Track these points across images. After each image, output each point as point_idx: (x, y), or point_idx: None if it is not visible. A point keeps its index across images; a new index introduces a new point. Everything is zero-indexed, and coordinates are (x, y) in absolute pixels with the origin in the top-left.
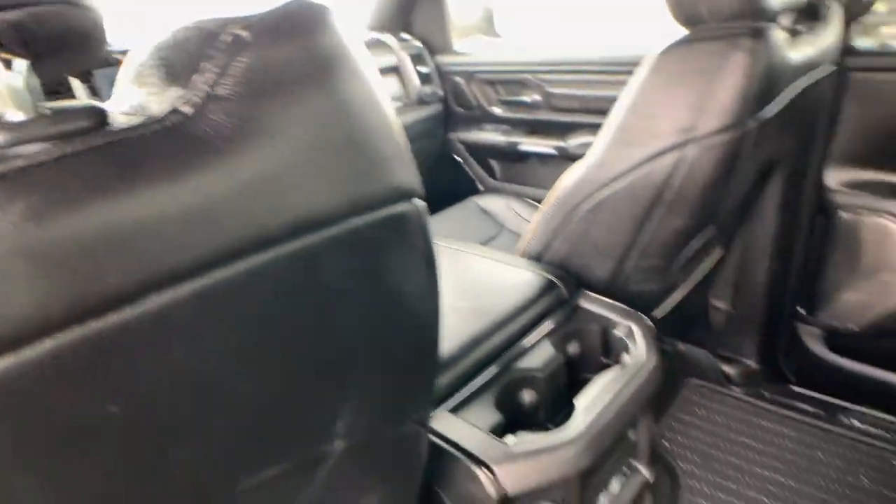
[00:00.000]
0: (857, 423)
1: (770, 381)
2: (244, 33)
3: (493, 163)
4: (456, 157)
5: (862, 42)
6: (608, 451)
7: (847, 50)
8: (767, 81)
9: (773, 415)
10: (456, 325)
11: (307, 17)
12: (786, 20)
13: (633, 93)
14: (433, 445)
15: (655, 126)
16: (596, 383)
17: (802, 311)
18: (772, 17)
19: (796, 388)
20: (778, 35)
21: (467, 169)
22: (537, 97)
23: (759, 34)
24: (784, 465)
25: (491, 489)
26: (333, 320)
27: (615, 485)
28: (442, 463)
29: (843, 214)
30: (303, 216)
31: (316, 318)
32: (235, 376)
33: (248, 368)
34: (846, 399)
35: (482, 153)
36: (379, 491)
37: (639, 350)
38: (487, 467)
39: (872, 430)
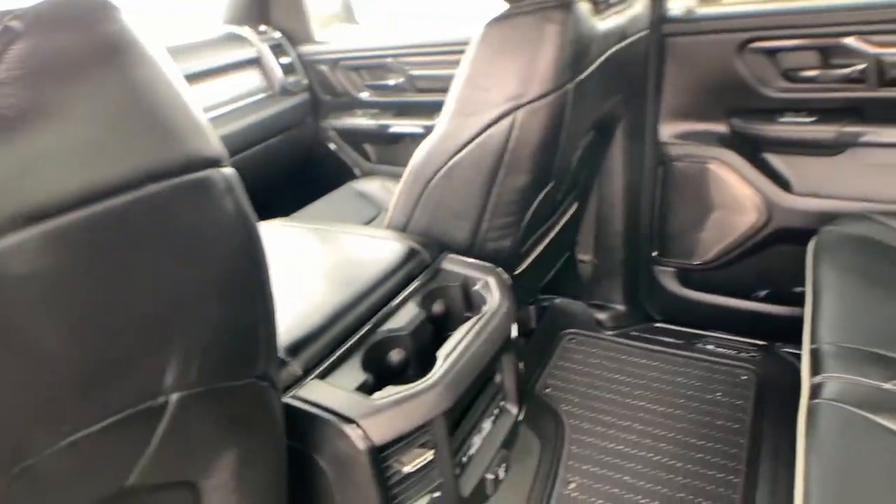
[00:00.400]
0: (711, 348)
1: (636, 321)
2: (15, 24)
3: (368, 147)
4: (330, 144)
5: (674, 10)
6: (471, 392)
7: (662, 18)
8: (580, 48)
9: (641, 350)
10: (323, 298)
11: (86, 8)
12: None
13: (466, 66)
14: (304, 413)
15: (488, 96)
16: (456, 334)
17: (657, 255)
18: None
19: (659, 325)
20: (584, 7)
21: (342, 155)
22: (401, 80)
23: (567, 7)
24: (651, 393)
25: (360, 443)
26: (146, 279)
27: (487, 424)
28: (313, 428)
29: (678, 164)
30: (99, 184)
31: (124, 276)
32: (47, 333)
33: (58, 325)
34: (701, 328)
35: (355, 138)
36: (233, 450)
37: (493, 299)
38: (354, 422)
39: (724, 351)
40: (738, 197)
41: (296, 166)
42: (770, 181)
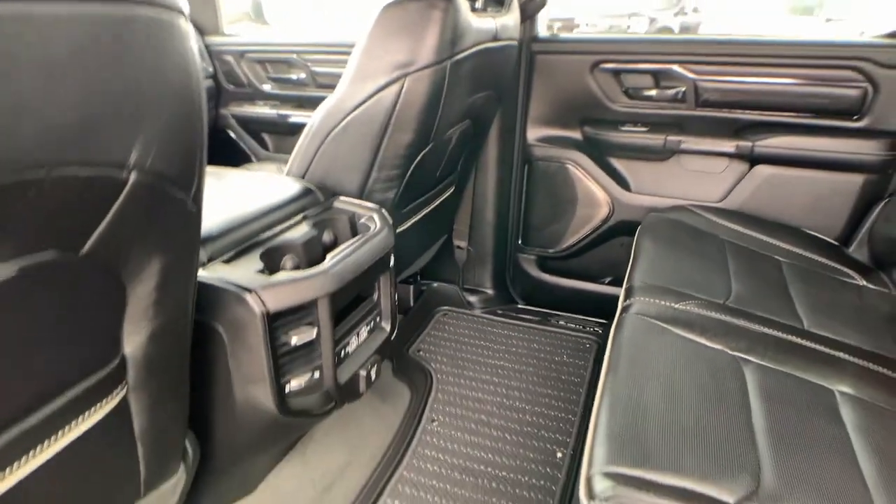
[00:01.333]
0: (562, 323)
1: (502, 302)
2: None
3: (266, 136)
4: (229, 131)
5: (542, 32)
6: (351, 293)
7: (532, 38)
8: (458, 34)
9: (503, 324)
10: (227, 212)
11: None
12: (478, 3)
13: (364, 39)
14: (208, 286)
15: (381, 64)
16: (342, 245)
17: (520, 243)
18: None
19: (521, 306)
20: (464, 5)
21: (240, 142)
22: (303, 75)
23: (450, 0)
24: (510, 355)
25: (256, 308)
26: (132, 69)
27: (364, 332)
28: (216, 297)
29: (540, 163)
30: None
31: (118, 61)
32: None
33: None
34: (556, 308)
35: (254, 126)
36: (160, 260)
37: (377, 226)
38: (252, 291)
39: (571, 325)
40: (588, 194)
41: None
42: (613, 181)
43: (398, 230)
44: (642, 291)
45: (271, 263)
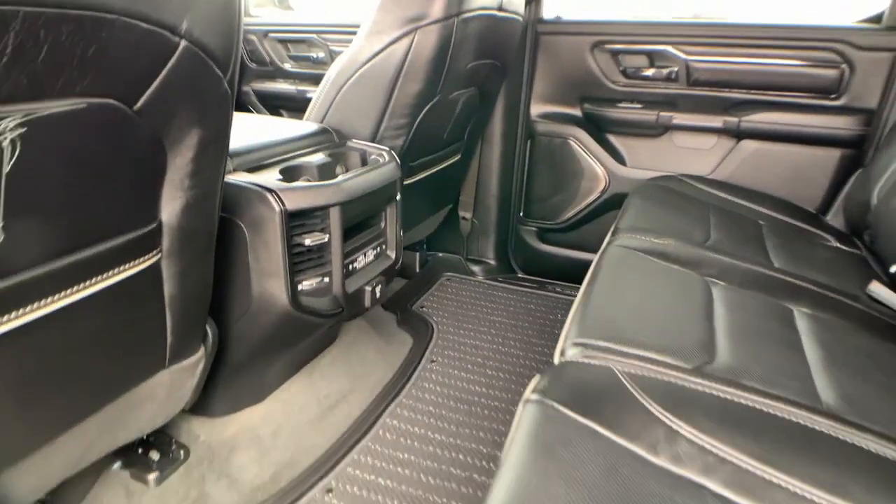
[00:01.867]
0: (558, 290)
1: (503, 272)
2: None
3: (283, 112)
4: (249, 107)
5: (547, 15)
6: (360, 215)
7: (537, 20)
8: None
9: (504, 289)
10: (250, 137)
11: None
12: None
13: None
14: (234, 187)
15: (394, 19)
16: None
17: (522, 216)
18: None
19: (521, 275)
20: None
21: None
22: (322, 54)
23: None
24: (508, 314)
25: (276, 206)
26: None
27: (371, 255)
28: (241, 197)
29: (542, 139)
30: None
31: None
32: None
33: None
34: (553, 277)
35: (274, 102)
36: (196, 134)
37: (385, 160)
38: (273, 191)
39: (567, 292)
40: (586, 168)
41: None
42: (610, 156)
43: (406, 182)
44: (627, 231)
45: (289, 179)
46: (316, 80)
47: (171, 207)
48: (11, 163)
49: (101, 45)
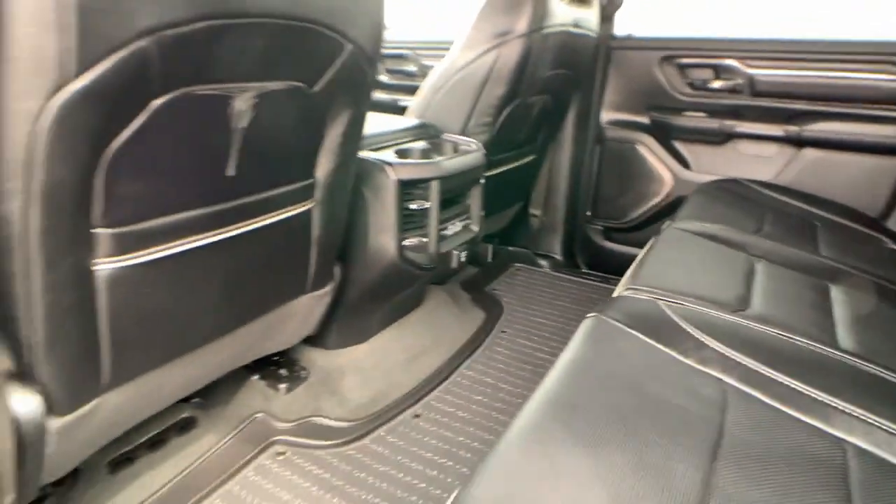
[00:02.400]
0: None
1: (568, 267)
2: None
3: None
4: None
5: (618, 32)
6: (452, 191)
7: (610, 37)
8: (546, 12)
9: (570, 281)
10: (370, 128)
11: None
12: None
13: (475, 18)
14: (361, 160)
15: (485, 35)
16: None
17: (590, 215)
18: None
19: (585, 271)
20: None
21: None
22: (414, 68)
23: None
24: (571, 300)
25: (392, 175)
26: None
27: (458, 225)
28: (366, 169)
29: (611, 144)
30: None
31: None
32: None
33: None
34: (615, 273)
35: (371, 110)
36: (348, 113)
37: (474, 149)
38: (390, 164)
39: None
40: (653, 171)
41: None
42: (676, 161)
43: (486, 174)
44: (684, 219)
45: (401, 158)
46: (408, 90)
47: (323, 168)
48: (245, 122)
49: (302, 46)
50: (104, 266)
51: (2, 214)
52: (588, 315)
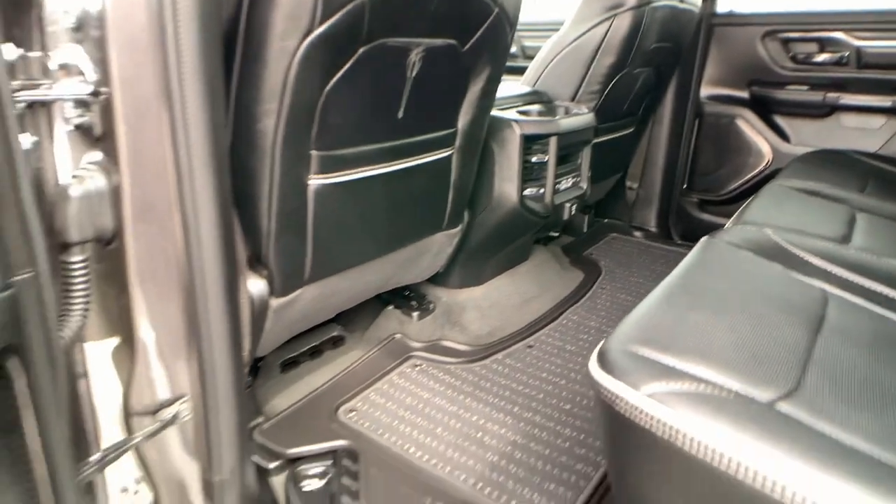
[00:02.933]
0: None
1: (662, 237)
2: None
3: None
4: None
5: (720, 9)
6: (565, 149)
7: (712, 14)
8: None
9: (664, 249)
10: None
11: None
12: None
13: None
14: (491, 118)
15: (597, 9)
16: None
17: (686, 188)
18: None
19: (678, 241)
20: None
21: None
22: (514, 49)
23: None
24: (668, 266)
25: (517, 130)
26: None
27: (570, 182)
28: (494, 125)
29: (710, 118)
30: None
31: None
32: None
33: None
34: None
35: None
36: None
37: (583, 110)
38: (516, 121)
39: None
40: (751, 145)
41: None
42: (775, 134)
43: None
44: (784, 177)
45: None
46: (510, 70)
47: (464, 119)
48: (415, 72)
49: (461, 9)
50: (314, 181)
51: (261, 129)
52: (702, 239)
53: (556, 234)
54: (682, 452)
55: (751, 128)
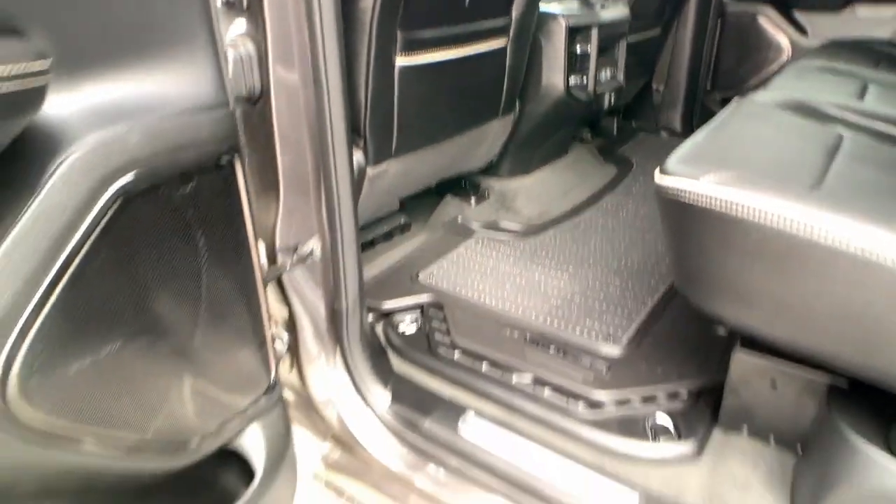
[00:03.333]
0: None
1: (688, 136)
2: None
3: None
4: None
5: None
6: (605, 39)
7: None
8: None
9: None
10: None
11: None
12: None
13: None
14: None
15: None
16: None
17: (709, 88)
18: None
19: None
20: None
21: None
22: None
23: None
24: None
25: (564, 23)
26: None
27: (609, 73)
28: (542, 19)
29: (732, 17)
30: None
31: None
32: None
33: None
34: None
35: None
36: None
37: (620, 5)
38: (563, 16)
39: None
40: (772, 41)
41: None
42: (794, 29)
43: None
44: (805, 59)
45: None
46: None
47: (516, 11)
48: None
49: None
50: (400, 62)
51: (362, 6)
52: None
53: (589, 138)
54: (739, 221)
55: (771, 23)
